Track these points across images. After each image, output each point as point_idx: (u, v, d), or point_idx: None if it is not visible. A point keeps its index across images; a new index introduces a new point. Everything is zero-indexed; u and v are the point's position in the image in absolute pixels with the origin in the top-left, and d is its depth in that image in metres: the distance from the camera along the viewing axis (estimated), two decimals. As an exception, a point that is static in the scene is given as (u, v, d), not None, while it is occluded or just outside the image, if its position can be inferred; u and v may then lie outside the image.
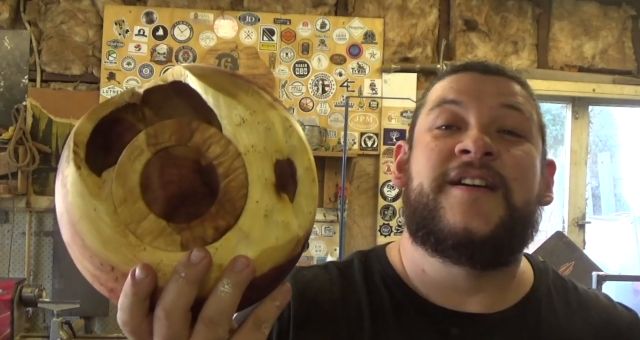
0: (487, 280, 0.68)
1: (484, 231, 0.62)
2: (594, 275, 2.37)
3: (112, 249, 0.43)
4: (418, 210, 0.66)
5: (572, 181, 3.25)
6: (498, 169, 0.64)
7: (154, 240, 0.43)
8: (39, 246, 2.98)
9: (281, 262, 0.44)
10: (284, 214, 0.44)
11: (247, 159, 0.44)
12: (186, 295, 0.41)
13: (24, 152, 2.87)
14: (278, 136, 0.45)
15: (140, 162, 0.44)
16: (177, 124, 0.45)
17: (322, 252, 3.07)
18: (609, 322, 0.71)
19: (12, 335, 2.43)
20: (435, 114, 0.69)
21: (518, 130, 0.68)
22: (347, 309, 0.70)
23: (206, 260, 0.42)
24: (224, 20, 3.08)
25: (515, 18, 3.21)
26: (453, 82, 0.71)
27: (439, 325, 0.68)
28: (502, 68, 0.73)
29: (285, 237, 0.44)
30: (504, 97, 0.69)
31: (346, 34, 3.11)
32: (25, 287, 2.50)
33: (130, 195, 0.44)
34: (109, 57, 3.03)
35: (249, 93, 0.46)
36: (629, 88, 3.17)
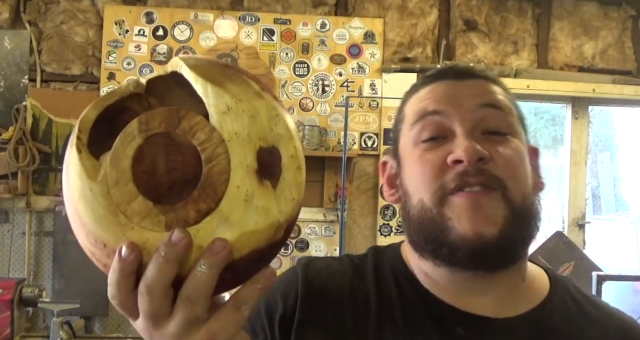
0: (495, 281, 0.69)
1: (493, 233, 0.63)
2: (594, 275, 2.37)
3: (105, 227, 0.46)
4: (424, 225, 0.67)
5: (572, 181, 3.25)
6: (492, 172, 0.65)
7: (141, 221, 0.46)
8: (39, 246, 2.98)
9: (261, 246, 0.46)
10: (264, 200, 0.46)
11: (230, 146, 0.46)
12: (166, 273, 0.44)
13: (24, 152, 2.87)
14: (263, 124, 0.47)
15: (132, 147, 0.47)
16: (166, 111, 0.47)
17: (322, 252, 3.07)
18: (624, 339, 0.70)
19: (12, 335, 2.43)
20: (419, 127, 0.70)
21: (502, 128, 0.69)
22: (355, 299, 0.71)
23: (185, 240, 0.44)
24: (224, 20, 3.08)
25: (515, 18, 3.21)
26: (430, 93, 0.72)
27: (444, 323, 0.68)
28: (472, 69, 0.74)
29: (265, 222, 0.46)
30: (481, 98, 0.70)
31: (346, 34, 3.11)
32: (25, 287, 2.50)
33: (122, 177, 0.46)
34: (109, 57, 3.03)
35: (237, 82, 0.48)
36: (629, 88, 3.17)
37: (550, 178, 8.89)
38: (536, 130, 8.78)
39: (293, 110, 3.06)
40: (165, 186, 0.48)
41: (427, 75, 0.76)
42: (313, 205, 3.06)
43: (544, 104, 6.36)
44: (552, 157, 8.90)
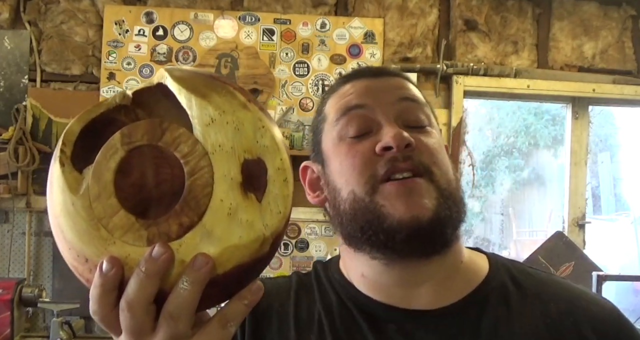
0: (431, 268, 0.70)
1: (429, 215, 0.65)
2: (594, 275, 2.37)
3: (86, 242, 0.45)
4: (358, 216, 0.68)
5: (572, 181, 3.25)
6: (419, 158, 0.68)
7: (123, 235, 0.45)
8: (39, 246, 2.98)
9: (245, 261, 0.45)
10: (249, 213, 0.45)
11: (214, 158, 0.45)
12: (147, 289, 0.43)
13: (24, 152, 2.87)
14: (248, 136, 0.46)
15: (114, 160, 0.46)
16: (149, 124, 0.47)
17: (322, 252, 3.08)
18: (568, 314, 0.69)
19: (12, 335, 2.43)
20: (344, 122, 0.72)
21: (421, 120, 0.72)
22: (299, 312, 0.74)
23: (165, 256, 0.43)
24: (224, 20, 3.08)
25: (515, 18, 3.21)
26: (351, 89, 0.75)
27: (378, 322, 0.70)
28: (387, 68, 0.79)
29: (249, 236, 0.45)
30: (399, 92, 0.73)
31: (346, 34, 3.11)
32: (25, 287, 2.50)
33: (104, 191, 0.46)
34: (109, 57, 3.03)
35: (222, 94, 0.47)
36: (629, 88, 3.17)
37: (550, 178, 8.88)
38: (536, 130, 8.77)
39: (293, 110, 3.06)
40: (153, 199, 0.47)
41: (343, 76, 0.80)
42: (313, 206, 3.05)
43: (544, 104, 6.37)
44: (552, 157, 8.90)
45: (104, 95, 3.00)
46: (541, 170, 9.00)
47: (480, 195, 8.70)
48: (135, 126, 0.47)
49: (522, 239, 7.83)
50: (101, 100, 2.77)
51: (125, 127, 0.47)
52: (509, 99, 3.35)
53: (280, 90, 3.08)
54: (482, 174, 8.64)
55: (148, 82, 0.50)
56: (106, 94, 3.01)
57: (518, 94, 3.19)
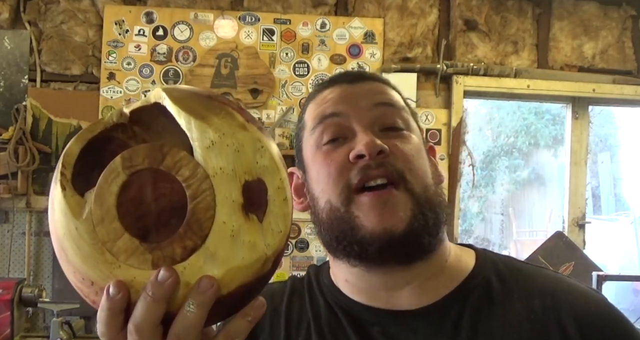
0: (412, 273, 0.70)
1: (402, 227, 0.65)
2: (594, 275, 2.37)
3: (91, 266, 0.46)
4: (334, 226, 0.69)
5: (572, 181, 3.25)
6: (393, 164, 0.68)
7: (128, 259, 0.45)
8: (39, 246, 2.98)
9: (248, 281, 0.46)
10: (251, 234, 0.46)
11: (215, 181, 0.46)
12: (154, 312, 0.44)
13: (24, 152, 2.87)
14: (247, 157, 0.47)
15: (116, 184, 0.47)
16: (150, 148, 0.47)
17: (322, 252, 3.07)
18: (552, 309, 0.69)
19: (12, 335, 2.43)
20: (320, 130, 0.72)
21: (398, 124, 0.72)
22: (290, 316, 0.75)
23: (171, 280, 0.44)
24: (224, 20, 3.08)
25: (515, 18, 3.21)
26: (326, 97, 0.75)
27: (362, 325, 0.71)
28: (364, 73, 0.78)
29: (252, 257, 0.46)
30: (375, 97, 0.73)
31: (346, 34, 3.11)
32: (25, 287, 2.50)
33: (107, 215, 0.46)
34: (109, 57, 3.03)
35: (221, 115, 0.48)
36: (629, 88, 3.17)
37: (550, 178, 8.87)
38: (536, 130, 8.77)
39: (293, 110, 3.06)
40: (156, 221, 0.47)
41: (321, 83, 0.79)
42: (313, 205, 3.06)
43: (544, 104, 6.36)
44: (552, 157, 8.90)
45: (104, 95, 3.01)
46: (541, 170, 9.00)
47: (480, 195, 8.70)
48: (135, 150, 0.47)
49: (522, 239, 7.83)
50: (102, 99, 2.74)
51: (126, 151, 0.48)
52: (509, 99, 3.35)
53: (280, 90, 3.08)
54: (482, 174, 8.64)
55: (144, 100, 0.51)
56: (106, 94, 3.01)
57: (518, 94, 3.19)
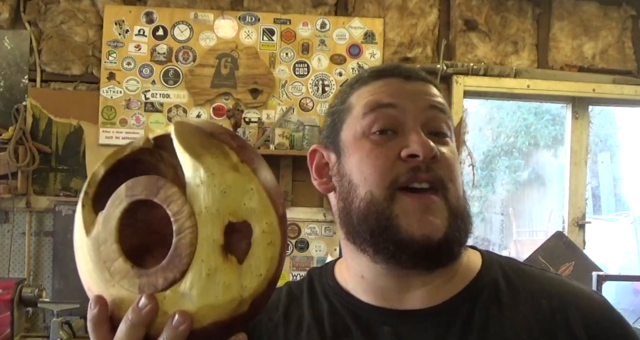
0: (430, 276, 0.70)
1: (439, 236, 0.66)
2: (594, 275, 2.37)
3: (93, 280, 0.51)
4: (371, 218, 0.68)
5: (572, 181, 3.25)
6: (438, 172, 0.68)
7: (121, 280, 0.50)
8: (39, 246, 2.98)
9: (222, 319, 0.48)
10: (227, 275, 0.48)
11: (200, 220, 0.48)
12: (132, 335, 0.48)
13: (24, 152, 2.87)
14: (234, 199, 0.48)
15: (119, 210, 0.51)
16: (148, 180, 0.51)
17: (322, 252, 3.08)
18: (559, 310, 0.69)
19: (12, 335, 2.43)
20: (371, 118, 0.71)
21: (444, 129, 0.72)
22: (289, 325, 0.73)
23: (148, 308, 0.48)
24: (224, 20, 3.08)
25: (515, 18, 3.21)
26: (383, 87, 0.73)
27: (372, 325, 0.70)
28: (419, 71, 0.77)
29: (225, 297, 0.48)
30: (429, 99, 0.73)
31: (346, 34, 3.11)
32: (25, 287, 2.50)
33: (110, 237, 0.51)
34: (109, 57, 3.03)
35: (215, 154, 0.50)
36: (629, 88, 3.17)
37: (550, 178, 8.86)
38: (536, 130, 8.77)
39: (293, 110, 3.06)
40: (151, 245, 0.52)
41: (374, 70, 0.77)
42: (313, 205, 3.06)
43: (544, 104, 6.36)
44: (552, 157, 8.89)
45: (103, 95, 3.00)
46: (541, 170, 9.00)
47: (480, 195, 8.70)
48: (137, 180, 0.51)
49: (522, 239, 7.83)
50: (102, 99, 2.75)
51: (130, 180, 0.51)
52: (509, 99, 3.35)
53: (280, 90, 3.08)
54: (482, 174, 8.64)
55: (166, 129, 0.54)
56: (106, 94, 3.01)
57: (518, 94, 3.19)
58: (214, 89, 3.05)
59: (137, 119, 3.03)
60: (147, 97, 3.03)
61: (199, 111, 3.05)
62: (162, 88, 3.04)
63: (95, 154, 3.00)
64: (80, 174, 2.99)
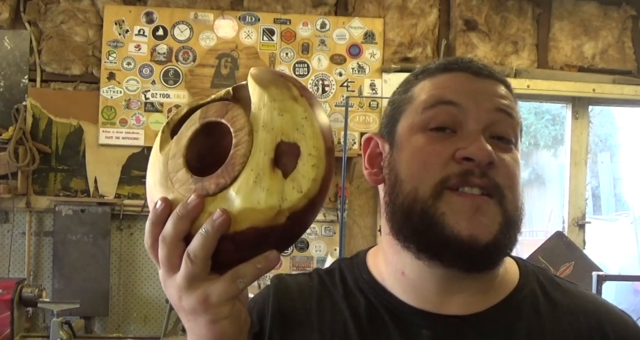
0: (471, 281, 0.68)
1: (487, 239, 0.62)
2: (594, 275, 2.37)
3: (158, 189, 0.57)
4: (414, 215, 0.65)
5: (572, 181, 3.25)
6: (495, 179, 0.64)
7: (180, 187, 0.55)
8: (39, 246, 2.98)
9: (259, 225, 0.52)
10: (270, 183, 0.52)
11: (256, 135, 0.54)
12: (177, 227, 0.52)
13: (24, 152, 2.87)
14: (289, 122, 0.54)
15: (191, 130, 0.58)
16: (220, 104, 0.58)
17: (322, 252, 3.08)
18: (597, 328, 0.69)
19: (12, 335, 2.43)
20: (430, 114, 0.67)
21: (509, 135, 0.68)
22: (322, 314, 0.71)
23: (194, 204, 0.52)
24: (224, 20, 3.08)
25: (515, 18, 3.21)
26: (448, 82, 0.69)
27: (411, 327, 0.68)
28: (491, 69, 0.72)
29: (267, 203, 0.52)
30: (497, 101, 0.68)
31: (346, 34, 3.11)
32: (25, 287, 2.50)
33: (178, 152, 0.57)
34: (109, 57, 3.03)
35: (279, 87, 0.56)
36: (629, 88, 3.17)
37: (550, 178, 8.86)
38: (536, 130, 8.77)
39: (293, 110, 3.06)
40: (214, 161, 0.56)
41: (444, 62, 0.73)
42: (313, 205, 3.06)
43: (544, 104, 6.36)
44: (552, 157, 8.90)
45: (104, 95, 3.00)
46: (541, 170, 9.00)
47: (480, 195, 8.68)
48: (211, 106, 0.58)
49: (522, 239, 7.77)
50: (102, 99, 2.75)
51: (205, 106, 0.58)
52: (509, 99, 3.35)
53: (280, 90, 3.07)
54: (482, 174, 8.61)
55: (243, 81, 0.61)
56: (106, 93, 3.01)
57: (518, 94, 3.16)
58: (214, 89, 3.05)
59: (137, 119, 3.03)
60: (147, 97, 3.03)
61: (199, 111, 3.05)
62: (162, 88, 3.04)
63: (95, 154, 3.00)
64: (80, 174, 2.99)
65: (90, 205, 2.93)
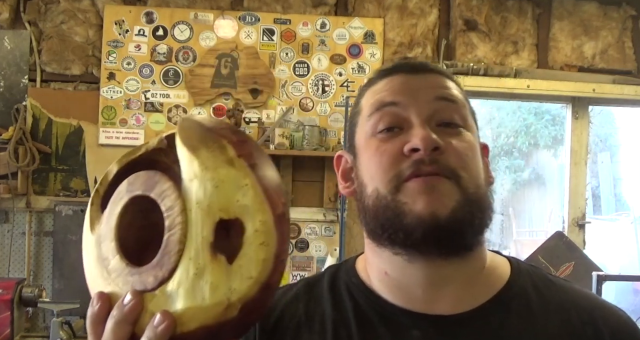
0: (454, 271, 0.69)
1: (446, 213, 0.64)
2: (594, 275, 2.37)
3: (93, 278, 0.50)
4: (379, 213, 0.67)
5: (572, 181, 3.25)
6: (446, 162, 0.66)
7: (116, 278, 0.48)
8: (39, 246, 2.98)
9: (209, 323, 0.45)
10: (214, 276, 0.45)
11: (191, 216, 0.46)
12: (116, 333, 0.47)
13: (24, 152, 2.87)
14: (227, 194, 0.45)
15: (119, 206, 0.50)
16: (146, 175, 0.49)
17: (322, 252, 3.08)
18: (589, 322, 0.69)
19: (12, 335, 2.43)
20: (376, 118, 0.71)
21: (455, 120, 0.70)
22: (311, 323, 0.72)
23: (130, 305, 0.47)
24: (224, 20, 3.08)
25: (515, 18, 3.21)
26: (386, 85, 0.73)
27: (401, 328, 0.69)
28: (427, 64, 0.76)
29: (212, 299, 0.45)
30: (436, 91, 0.71)
31: (346, 34, 3.11)
32: (25, 287, 2.50)
33: (109, 234, 0.50)
34: (109, 57, 3.03)
35: (211, 148, 0.47)
36: (629, 88, 3.17)
37: (550, 178, 8.86)
38: (536, 130, 8.77)
39: (293, 110, 3.06)
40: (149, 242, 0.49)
41: (382, 69, 0.77)
42: (313, 205, 3.06)
43: (544, 104, 6.36)
44: (552, 157, 8.90)
45: (103, 95, 3.01)
46: (541, 170, 9.00)
47: (480, 195, 8.67)
48: (137, 176, 0.50)
49: (522, 239, 7.83)
50: (102, 99, 2.75)
51: (131, 175, 0.50)
52: (509, 99, 3.35)
53: (280, 90, 3.08)
54: (482, 174, 8.61)
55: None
56: (106, 94, 3.01)
57: (518, 94, 3.19)
58: (214, 89, 3.05)
59: (137, 119, 3.03)
60: (147, 97, 3.03)
61: (199, 111, 3.05)
62: (162, 88, 3.04)
63: (95, 154, 3.00)
64: (80, 174, 3.00)
65: (90, 205, 2.93)
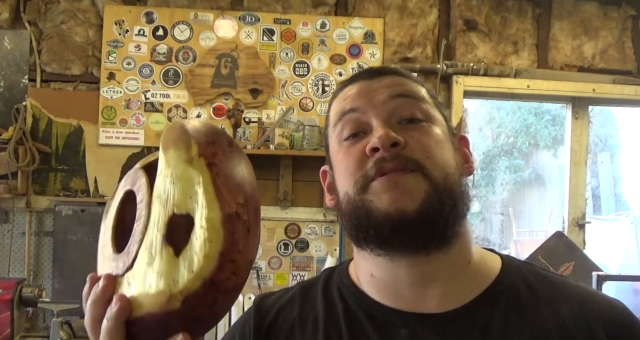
0: (435, 267, 0.69)
1: (413, 207, 0.65)
2: (594, 275, 2.37)
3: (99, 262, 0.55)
4: (352, 215, 0.69)
5: (572, 181, 3.25)
6: (409, 156, 0.68)
7: (107, 263, 0.53)
8: (39, 246, 2.98)
9: (155, 311, 0.47)
10: (161, 266, 0.48)
11: (153, 209, 0.50)
12: (91, 312, 0.52)
13: (24, 152, 2.87)
14: (181, 191, 0.49)
15: (118, 199, 0.55)
16: (135, 172, 0.55)
17: (322, 252, 3.08)
18: (579, 316, 0.69)
19: (12, 335, 2.43)
20: (340, 126, 0.74)
21: (416, 115, 0.72)
22: (305, 325, 0.73)
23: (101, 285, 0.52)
24: (224, 20, 3.08)
25: (515, 18, 3.21)
26: (347, 94, 0.75)
27: (389, 328, 0.70)
28: (384, 68, 0.78)
29: (157, 288, 0.47)
30: (391, 90, 0.73)
31: (346, 34, 3.11)
32: (25, 287, 2.50)
33: (109, 224, 0.55)
34: (109, 57, 3.03)
35: (179, 147, 0.50)
36: (629, 88, 3.17)
37: (550, 178, 8.86)
38: (536, 131, 8.77)
39: (293, 110, 3.06)
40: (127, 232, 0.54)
41: (345, 80, 0.80)
42: (313, 205, 3.06)
43: (544, 104, 6.36)
44: (552, 157, 8.90)
45: (103, 95, 3.00)
46: (541, 170, 9.00)
47: (480, 195, 8.70)
48: (129, 173, 0.55)
49: (522, 239, 7.83)
50: (102, 99, 2.75)
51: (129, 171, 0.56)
52: (509, 99, 3.35)
53: (280, 90, 3.08)
54: (482, 174, 8.64)
55: None
56: (106, 94, 3.01)
57: (518, 94, 3.19)
58: (214, 89, 3.05)
59: (137, 119, 3.03)
60: (147, 97, 3.03)
61: (199, 111, 3.05)
62: (162, 88, 3.04)
63: (95, 154, 3.00)
64: (80, 174, 3.00)
65: (90, 205, 2.94)
